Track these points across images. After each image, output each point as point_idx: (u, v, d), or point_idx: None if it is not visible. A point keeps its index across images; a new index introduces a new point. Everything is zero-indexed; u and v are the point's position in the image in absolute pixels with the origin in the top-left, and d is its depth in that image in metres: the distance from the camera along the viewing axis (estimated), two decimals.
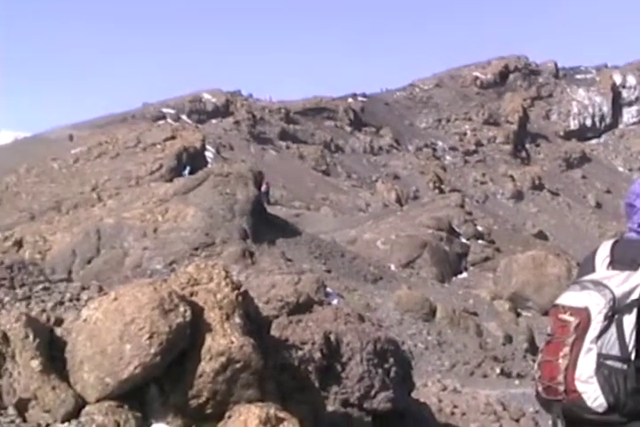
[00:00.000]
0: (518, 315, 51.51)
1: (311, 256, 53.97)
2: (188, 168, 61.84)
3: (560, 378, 5.57)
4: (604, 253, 5.98)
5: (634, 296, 5.53)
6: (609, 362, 5.46)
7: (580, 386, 5.49)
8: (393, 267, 60.73)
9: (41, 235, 53.40)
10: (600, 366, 5.44)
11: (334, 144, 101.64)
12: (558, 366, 5.58)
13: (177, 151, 63.61)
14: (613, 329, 5.49)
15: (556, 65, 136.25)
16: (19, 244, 50.81)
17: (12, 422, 6.96)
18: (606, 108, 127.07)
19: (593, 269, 5.90)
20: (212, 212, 51.87)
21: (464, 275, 64.45)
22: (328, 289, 35.33)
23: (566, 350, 5.54)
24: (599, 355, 5.45)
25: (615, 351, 5.49)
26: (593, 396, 5.46)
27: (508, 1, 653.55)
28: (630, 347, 5.50)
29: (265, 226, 54.46)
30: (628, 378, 5.44)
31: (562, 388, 5.57)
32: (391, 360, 15.47)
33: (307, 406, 8.01)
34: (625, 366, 5.46)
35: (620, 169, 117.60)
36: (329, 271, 51.49)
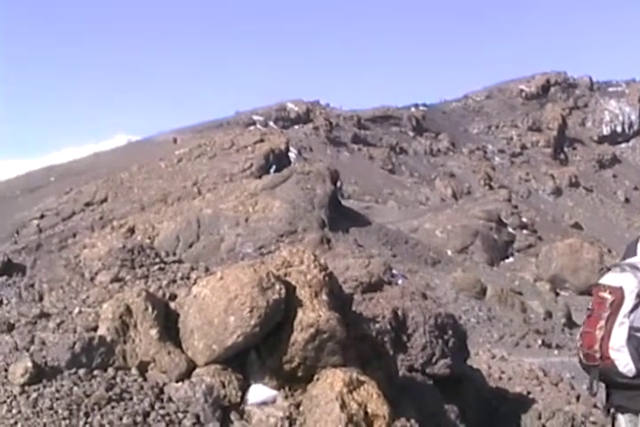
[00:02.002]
0: (557, 294, 51.17)
1: (379, 243, 53.94)
2: (274, 167, 61.86)
3: (597, 347, 5.67)
4: None
5: None
6: (639, 334, 5.57)
7: (613, 354, 5.62)
8: (449, 252, 60.52)
9: (150, 223, 53.84)
10: (631, 337, 5.57)
11: (399, 147, 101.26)
12: (595, 337, 5.68)
13: (265, 152, 63.67)
14: None
15: (590, 79, 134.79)
16: (131, 230, 51.27)
17: (135, 380, 7.02)
18: (634, 117, 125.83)
19: (634, 254, 5.98)
20: (295, 204, 51.95)
21: (510, 260, 64.03)
22: (394, 271, 35.19)
23: (602, 322, 5.64)
24: (630, 328, 5.57)
25: None
26: (624, 362, 5.60)
27: (550, 22, 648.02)
28: None
29: (340, 217, 54.47)
30: None
31: (598, 355, 5.68)
32: (449, 332, 15.42)
33: (382, 371, 8.01)
34: None
35: None
36: (394, 256, 51.45)
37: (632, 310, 5.63)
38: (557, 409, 17.57)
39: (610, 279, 5.82)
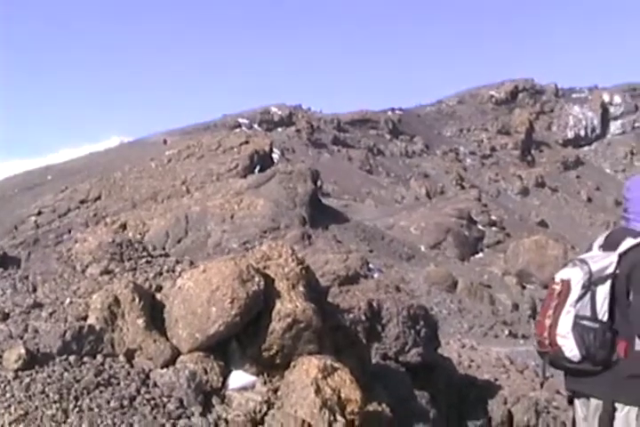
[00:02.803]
0: (524, 288, 51.40)
1: (357, 239, 54.04)
2: (258, 167, 61.88)
3: (545, 334, 5.81)
4: (601, 239, 6.16)
5: (608, 271, 5.76)
6: (583, 322, 5.68)
7: (560, 340, 5.74)
8: (423, 248, 60.65)
9: (141, 219, 53.79)
10: (576, 325, 5.67)
11: (376, 148, 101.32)
12: (545, 325, 5.81)
13: (250, 153, 63.66)
14: (588, 296, 5.73)
15: (556, 86, 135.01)
16: (123, 226, 51.18)
17: (122, 367, 7.03)
18: (596, 122, 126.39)
19: (590, 250, 6.15)
20: (278, 202, 52.04)
21: (480, 255, 64.21)
22: (370, 265, 35.21)
23: (550, 312, 5.78)
24: (576, 316, 5.68)
25: (588, 313, 5.70)
26: (569, 348, 5.71)
27: (519, 32, 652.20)
28: (601, 311, 5.72)
29: (320, 214, 54.56)
30: (597, 335, 5.64)
31: (547, 342, 5.82)
32: (421, 323, 15.46)
33: (355, 359, 8.02)
34: (596, 325, 5.67)
35: (608, 171, 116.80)
36: (371, 251, 51.54)
37: (578, 300, 5.75)
38: (522, 395, 17.65)
39: (561, 273, 5.96)
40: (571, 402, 6.33)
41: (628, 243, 5.81)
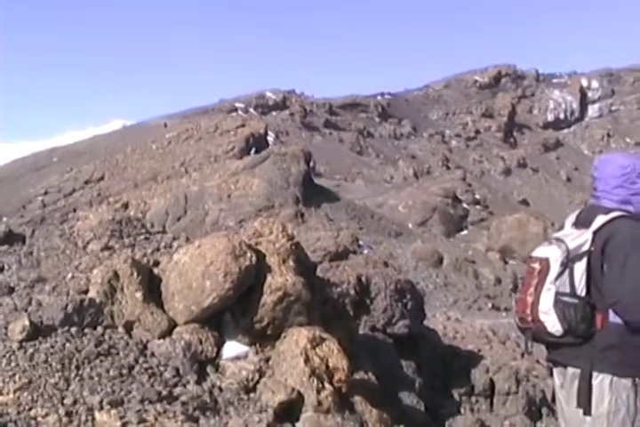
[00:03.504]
0: (506, 263, 51.49)
1: (348, 217, 54.07)
2: (254, 149, 61.82)
3: (528, 311, 5.88)
4: (572, 217, 6.24)
5: (584, 248, 5.83)
6: (563, 298, 5.74)
7: (542, 316, 5.81)
8: (410, 225, 60.72)
9: (142, 199, 53.82)
10: (557, 301, 5.74)
11: (366, 131, 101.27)
12: (527, 302, 5.88)
13: (246, 136, 63.60)
14: (567, 273, 5.80)
15: (537, 72, 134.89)
16: (125, 206, 51.22)
17: (121, 338, 7.04)
18: (575, 105, 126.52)
19: (562, 228, 6.14)
20: (272, 182, 52.02)
21: (465, 232, 64.33)
22: (360, 242, 35.23)
23: (532, 290, 5.85)
24: (556, 293, 5.75)
25: (568, 290, 5.77)
26: (552, 324, 5.79)
27: (503, 19, 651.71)
28: (580, 286, 5.78)
29: (313, 193, 54.56)
30: (577, 310, 5.71)
31: (530, 318, 5.89)
32: (408, 296, 15.47)
33: (343, 330, 8.05)
34: (575, 301, 5.73)
35: (585, 152, 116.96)
36: (361, 228, 51.62)
37: (557, 278, 5.81)
38: (504, 364, 17.68)
39: (538, 252, 6.04)
40: (552, 372, 6.42)
41: (600, 220, 5.85)
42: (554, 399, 9.44)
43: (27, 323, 6.74)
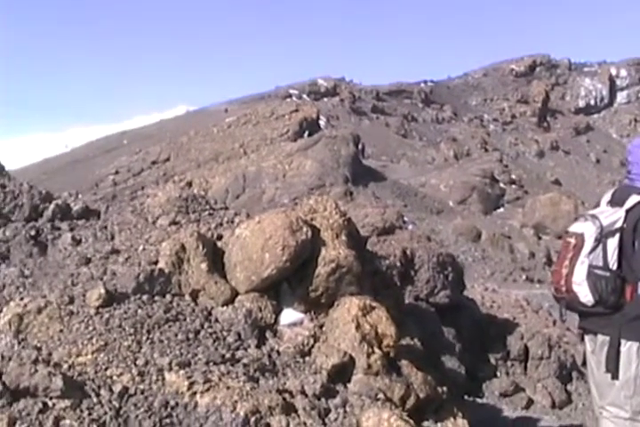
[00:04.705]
0: (539, 238, 51.18)
1: (393, 195, 54.00)
2: (307, 132, 61.79)
3: (562, 282, 5.95)
4: (607, 196, 6.23)
5: (617, 225, 5.86)
6: (596, 271, 5.80)
7: (575, 287, 5.87)
8: (451, 203, 60.44)
9: (204, 178, 54.12)
10: (589, 274, 5.79)
11: (410, 116, 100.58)
12: (562, 274, 5.95)
13: (299, 120, 63.54)
14: (600, 248, 5.82)
15: (569, 61, 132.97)
16: (189, 184, 51.55)
17: (188, 305, 7.10)
18: (605, 92, 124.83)
19: (598, 206, 6.17)
20: (324, 163, 52.02)
21: (501, 210, 63.89)
22: (405, 218, 35.15)
23: (567, 262, 5.90)
24: (589, 266, 5.81)
25: (600, 263, 5.81)
26: (584, 294, 5.84)
27: (538, 11, 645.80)
28: (612, 260, 5.81)
29: (361, 173, 54.52)
30: (608, 282, 5.76)
31: (564, 289, 5.97)
32: (449, 269, 15.47)
33: (391, 299, 8.04)
34: (607, 274, 5.78)
35: (614, 136, 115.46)
36: (405, 206, 51.51)
37: (591, 252, 5.83)
38: (537, 332, 17.64)
39: (574, 227, 6.07)
40: (583, 338, 6.51)
41: (634, 199, 5.93)
42: (584, 364, 9.41)
43: (102, 291, 6.81)
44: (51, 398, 5.45)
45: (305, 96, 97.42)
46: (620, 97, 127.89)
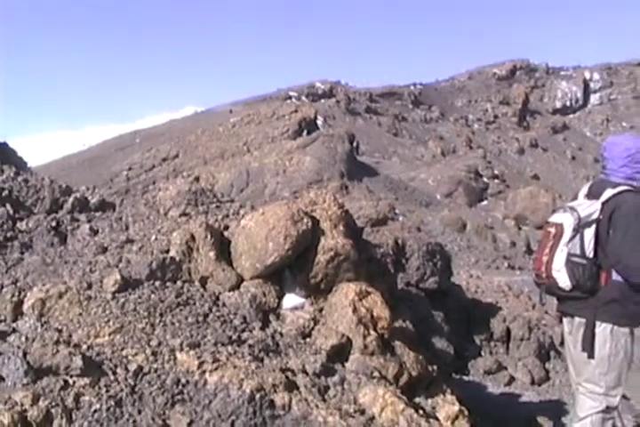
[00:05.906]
0: (520, 229, 51.25)
1: (385, 189, 54.01)
2: (305, 131, 61.77)
3: (543, 268, 6.02)
4: (585, 189, 6.32)
5: (594, 216, 5.91)
6: (574, 258, 5.85)
7: (554, 273, 5.94)
8: (438, 196, 60.51)
9: (211, 173, 54.08)
10: (568, 261, 5.85)
11: (401, 116, 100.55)
12: (542, 261, 6.01)
13: (298, 120, 63.52)
14: (578, 237, 5.87)
15: (547, 65, 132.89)
16: (197, 179, 51.35)
17: (197, 290, 7.08)
18: (579, 95, 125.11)
19: (576, 199, 6.19)
20: (321, 159, 52.00)
21: (485, 202, 64.00)
22: (396, 210, 35.15)
23: (547, 250, 5.97)
24: (568, 254, 5.86)
25: (578, 251, 5.86)
26: (563, 280, 5.90)
27: (519, 19, 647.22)
28: (588, 249, 5.84)
29: (355, 169, 54.49)
30: (585, 269, 5.81)
31: (544, 275, 6.03)
32: (437, 257, 15.45)
33: (385, 285, 8.02)
34: (584, 261, 5.83)
35: (588, 134, 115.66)
36: (397, 199, 51.51)
37: (569, 241, 5.89)
38: (518, 315, 17.65)
39: (554, 218, 6.13)
40: (561, 321, 6.53)
41: (609, 193, 5.97)
42: (562, 344, 9.44)
43: (118, 277, 6.79)
44: (71, 377, 5.46)
45: (304, 98, 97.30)
46: (594, 99, 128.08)
